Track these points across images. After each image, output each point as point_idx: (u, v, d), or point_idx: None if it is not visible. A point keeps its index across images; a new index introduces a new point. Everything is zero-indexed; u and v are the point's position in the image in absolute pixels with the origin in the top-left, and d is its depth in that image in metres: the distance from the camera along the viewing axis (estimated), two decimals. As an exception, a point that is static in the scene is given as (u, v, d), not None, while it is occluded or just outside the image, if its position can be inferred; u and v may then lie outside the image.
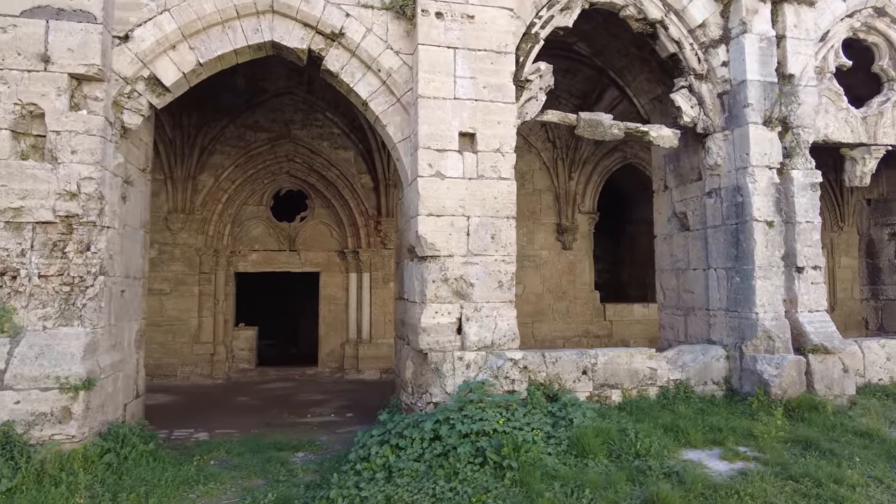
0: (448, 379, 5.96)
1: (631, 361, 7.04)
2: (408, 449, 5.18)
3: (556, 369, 6.77)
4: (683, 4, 7.41)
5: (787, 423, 6.22)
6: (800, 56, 7.46)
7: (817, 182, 7.43)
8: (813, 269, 7.30)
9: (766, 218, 7.17)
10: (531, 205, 12.68)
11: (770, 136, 7.27)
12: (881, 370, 7.99)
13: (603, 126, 7.49)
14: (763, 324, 7.02)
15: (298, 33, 6.40)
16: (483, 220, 6.26)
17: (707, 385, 7.26)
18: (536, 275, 12.63)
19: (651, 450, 5.22)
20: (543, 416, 5.71)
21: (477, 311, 6.16)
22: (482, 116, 6.33)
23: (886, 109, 8.40)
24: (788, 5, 7.46)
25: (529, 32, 7.04)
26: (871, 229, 9.93)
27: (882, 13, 8.34)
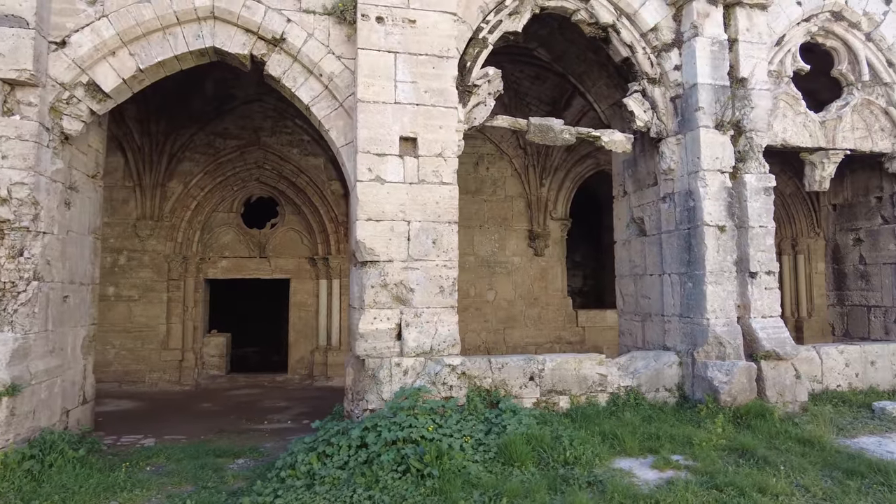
0: (385, 385, 5.90)
1: (580, 368, 6.97)
2: (334, 456, 5.12)
3: (502, 375, 6.70)
4: (635, 8, 7.39)
5: (733, 430, 6.12)
6: (752, 60, 7.41)
7: (771, 186, 7.36)
8: (766, 274, 7.22)
9: (718, 222, 7.11)
10: (503, 211, 12.65)
11: (722, 140, 7.21)
12: (839, 376, 7.89)
13: (553, 131, 7.45)
14: (714, 330, 6.94)
15: (240, 39, 6.40)
16: (424, 224, 6.22)
17: (659, 392, 7.17)
18: (508, 281, 12.57)
19: (582, 458, 5.14)
20: (478, 423, 5.64)
21: (417, 316, 6.11)
22: (424, 121, 6.30)
23: (845, 114, 8.34)
24: (741, 9, 7.42)
25: (477, 37, 7.03)
26: (836, 235, 9.84)
27: (839, 17, 8.29)
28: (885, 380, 8.07)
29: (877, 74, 8.48)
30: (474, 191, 12.51)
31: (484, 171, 12.59)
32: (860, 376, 7.98)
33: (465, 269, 12.31)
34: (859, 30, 8.38)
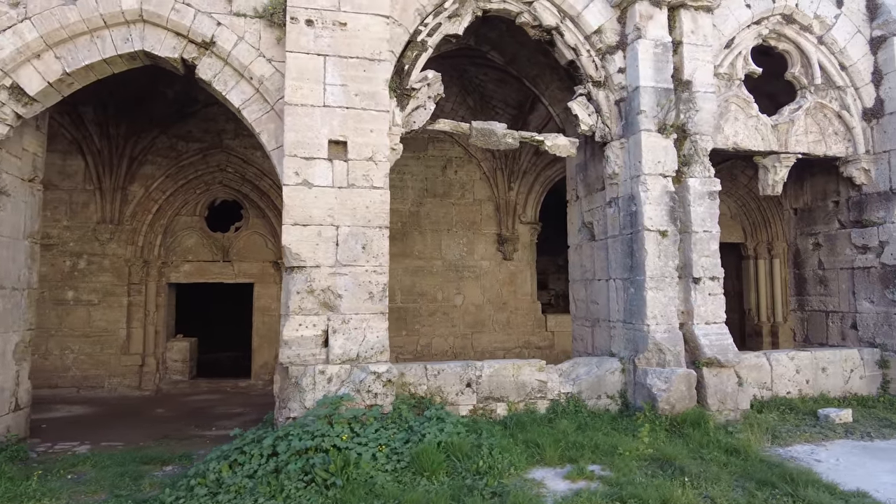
0: (308, 393, 5.81)
1: (518, 374, 6.87)
2: (245, 465, 5.05)
3: (437, 382, 6.62)
4: (578, 10, 7.31)
5: (666, 439, 6.03)
6: (697, 62, 7.32)
7: (715, 190, 7.27)
8: (710, 279, 7.12)
9: (659, 227, 7.01)
10: (471, 215, 12.57)
11: (664, 144, 7.12)
12: (790, 383, 7.78)
13: (496, 135, 7.37)
14: (654, 336, 6.84)
15: (170, 42, 6.34)
16: (354, 229, 6.14)
17: (601, 399, 7.07)
18: (476, 285, 12.48)
19: (497, 468, 5.05)
20: (400, 432, 5.54)
21: (345, 323, 6.03)
22: (354, 124, 6.23)
23: (798, 117, 8.23)
24: (685, 11, 7.33)
25: (415, 40, 6.95)
26: (797, 239, 9.72)
27: (791, 20, 8.20)
28: (837, 386, 7.96)
29: (830, 78, 8.38)
30: (442, 194, 12.44)
31: (452, 174, 12.52)
32: (811, 383, 7.86)
33: (433, 273, 12.26)
34: (811, 33, 8.28)
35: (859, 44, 8.38)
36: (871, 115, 8.39)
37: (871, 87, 8.37)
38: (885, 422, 6.99)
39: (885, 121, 8.28)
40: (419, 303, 12.10)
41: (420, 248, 12.18)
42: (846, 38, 8.33)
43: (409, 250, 12.11)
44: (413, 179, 12.24)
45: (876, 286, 8.38)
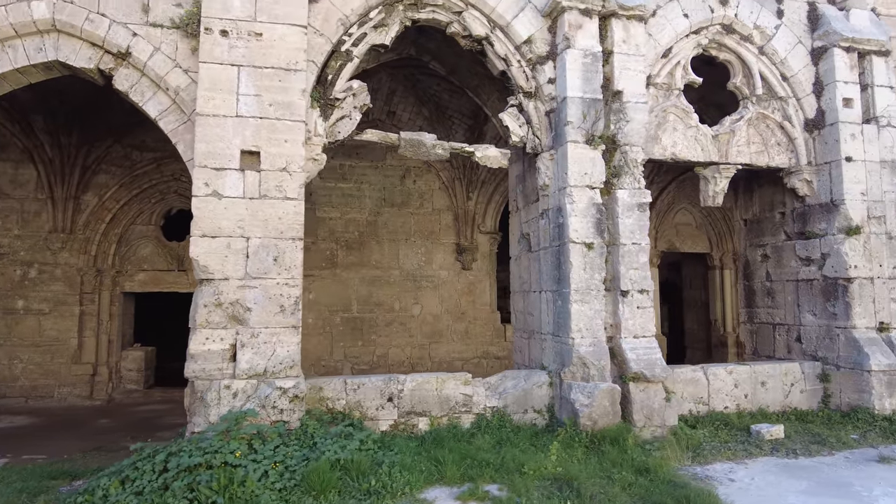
0: (212, 408, 5.72)
1: (442, 388, 6.77)
2: (136, 481, 4.94)
3: (357, 397, 6.52)
4: (507, 20, 7.25)
5: (583, 456, 5.90)
6: (629, 72, 7.24)
7: (645, 202, 7.17)
8: (639, 292, 7.02)
9: (585, 240, 6.91)
10: (430, 225, 12.49)
11: (592, 156, 7.03)
12: (727, 398, 7.65)
13: (425, 146, 7.30)
14: (578, 350, 6.73)
15: (86, 53, 6.30)
16: (265, 241, 6.06)
17: (528, 413, 6.96)
18: (435, 295, 12.38)
19: (391, 487, 4.94)
20: (301, 449, 5.43)
21: (254, 337, 5.94)
22: (268, 134, 6.16)
23: (739, 128, 8.14)
24: (616, 20, 7.25)
25: (339, 50, 6.90)
26: (746, 250, 9.61)
27: (731, 30, 8.12)
28: (777, 400, 7.83)
29: (771, 88, 8.30)
30: (400, 204, 12.37)
31: (411, 183, 12.45)
32: (749, 397, 7.74)
33: (390, 283, 12.17)
34: (752, 43, 8.20)
35: (800, 54, 8.30)
36: (812, 126, 8.29)
37: (813, 97, 8.28)
38: (817, 437, 6.85)
39: (826, 132, 8.18)
40: (376, 313, 12.01)
41: (377, 258, 12.10)
42: (787, 48, 8.25)
43: (366, 260, 12.03)
44: (371, 189, 12.17)
45: (818, 299, 8.26)
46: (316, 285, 11.73)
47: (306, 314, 11.71)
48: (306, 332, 11.60)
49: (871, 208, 8.02)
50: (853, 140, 8.02)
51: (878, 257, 7.99)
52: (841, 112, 8.03)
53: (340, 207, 11.97)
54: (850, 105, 8.08)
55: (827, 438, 6.81)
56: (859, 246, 7.91)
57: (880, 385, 7.51)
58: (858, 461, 6.14)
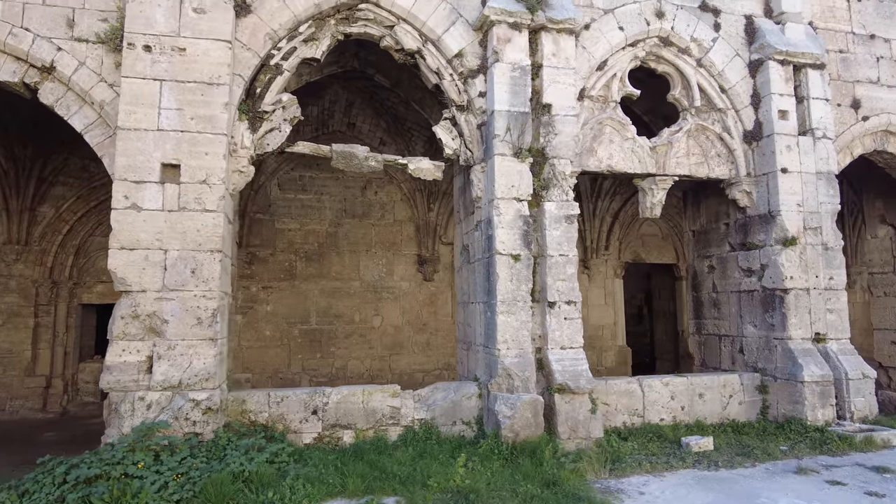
0: (126, 420, 5.72)
1: (369, 400, 6.77)
2: (35, 494, 4.95)
3: (280, 409, 6.52)
4: (438, 34, 7.32)
5: (501, 468, 5.88)
6: (558, 85, 7.30)
7: (573, 214, 7.20)
8: (566, 304, 7.02)
9: (512, 251, 6.94)
10: (391, 236, 12.52)
11: (519, 168, 7.07)
12: (663, 409, 7.63)
13: (357, 158, 7.35)
14: (503, 361, 6.73)
15: (10, 67, 6.37)
16: (183, 253, 6.09)
17: (456, 425, 6.95)
18: (396, 306, 12.39)
19: (289, 498, 4.93)
20: (210, 461, 5.43)
21: (171, 349, 5.95)
22: (189, 148, 6.20)
23: (678, 139, 8.19)
24: (547, 34, 7.32)
25: (268, 64, 6.97)
26: (694, 261, 9.63)
27: (668, 43, 8.19)
28: (714, 412, 7.81)
29: (710, 100, 8.35)
30: (361, 215, 12.40)
31: (372, 195, 12.49)
32: (687, 409, 7.72)
33: (350, 294, 12.19)
34: (690, 55, 8.27)
35: (738, 67, 8.36)
36: (751, 137, 8.34)
37: (751, 109, 8.34)
38: (745, 449, 6.83)
39: (763, 143, 8.23)
40: (335, 324, 12.01)
41: (337, 269, 12.12)
42: (724, 61, 8.31)
43: (325, 271, 12.05)
44: (331, 200, 12.22)
45: (758, 310, 8.26)
46: (274, 297, 11.75)
47: (264, 326, 11.73)
48: (264, 345, 11.63)
49: (807, 219, 8.04)
50: (789, 152, 8.06)
51: (815, 268, 8.00)
52: (776, 124, 8.08)
53: (300, 219, 12.01)
54: (785, 117, 8.13)
55: (754, 450, 6.79)
56: (795, 257, 7.93)
57: (813, 396, 7.50)
58: (777, 473, 6.11)
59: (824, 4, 8.96)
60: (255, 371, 11.54)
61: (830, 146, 8.29)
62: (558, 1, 7.40)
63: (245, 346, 11.59)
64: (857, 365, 7.84)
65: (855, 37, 9.04)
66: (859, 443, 7.00)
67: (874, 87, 9.02)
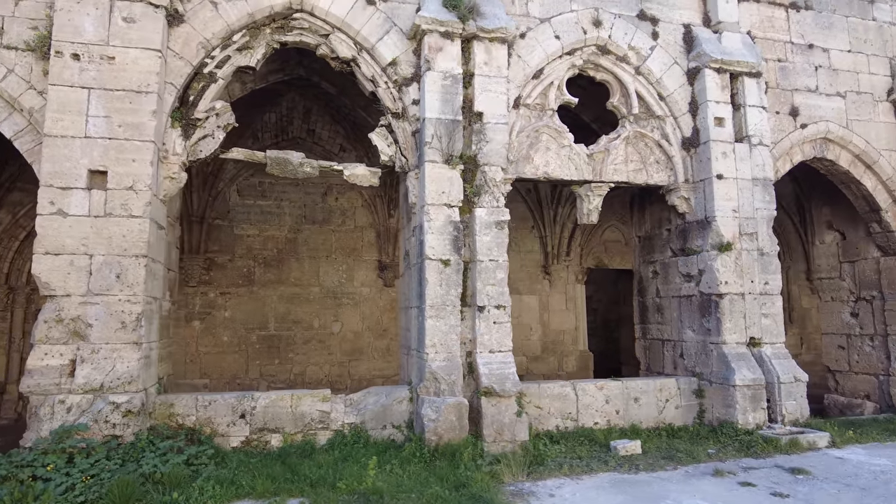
0: (45, 423, 5.78)
1: (298, 404, 6.84)
2: (-57, 498, 5.00)
3: (208, 413, 6.59)
4: (372, 43, 7.43)
5: (422, 470, 5.95)
6: (490, 94, 7.41)
7: (504, 220, 7.30)
8: (496, 308, 7.11)
9: (441, 257, 7.03)
10: (352, 242, 12.60)
11: (450, 175, 7.18)
12: (598, 413, 7.72)
13: (292, 164, 7.45)
14: (431, 365, 6.81)
15: (-58, 74, 6.46)
16: (108, 258, 6.16)
17: (387, 429, 7.02)
18: (356, 312, 12.46)
19: (196, 498, 4.99)
20: (124, 462, 5.49)
21: (94, 352, 6.01)
22: (116, 155, 6.29)
23: (615, 146, 8.31)
24: (479, 43, 7.44)
25: (202, 72, 7.07)
26: (640, 267, 9.73)
27: (606, 51, 8.32)
28: (650, 416, 7.89)
29: (649, 108, 8.48)
30: (322, 221, 12.49)
31: (333, 201, 12.59)
32: (622, 413, 7.80)
33: (310, 300, 12.25)
34: (628, 63, 8.40)
35: (676, 74, 8.50)
36: (689, 144, 8.46)
37: (689, 116, 8.47)
38: (672, 453, 6.90)
39: (700, 150, 8.35)
40: (294, 330, 12.07)
41: (297, 275, 12.19)
42: (662, 68, 8.45)
43: (284, 277, 12.12)
44: (291, 206, 12.31)
45: (696, 315, 8.36)
46: (233, 303, 11.81)
47: (222, 332, 11.78)
48: (222, 350, 11.68)
49: (742, 225, 8.16)
50: (725, 158, 8.19)
51: (750, 273, 8.11)
52: (712, 131, 8.21)
53: (259, 225, 12.09)
54: (721, 124, 8.26)
55: (680, 454, 6.86)
56: (731, 262, 8.04)
57: (744, 399, 7.59)
58: (695, 475, 6.19)
59: (763, 14, 9.11)
60: (213, 377, 11.59)
61: (766, 153, 8.42)
62: (491, 10, 7.53)
63: (203, 351, 11.65)
64: (789, 369, 7.94)
65: (794, 46, 9.19)
66: (784, 445, 7.08)
67: (812, 96, 9.16)
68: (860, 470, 6.37)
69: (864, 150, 9.33)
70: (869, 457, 6.91)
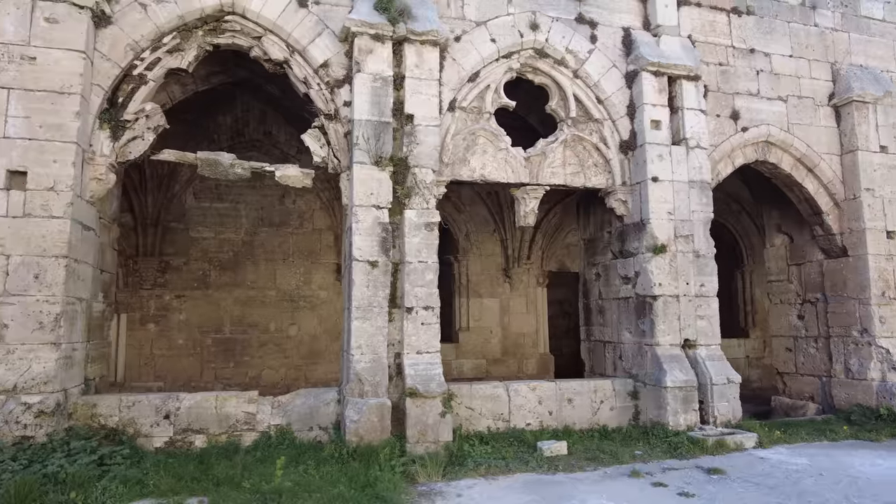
0: (-47, 424, 5.78)
1: (223, 406, 6.85)
2: None
3: (131, 414, 6.59)
4: (304, 45, 7.47)
5: (337, 472, 5.94)
6: (420, 96, 7.46)
7: (433, 222, 7.33)
8: (424, 309, 7.14)
9: (369, 258, 7.06)
10: (310, 244, 12.62)
11: (379, 176, 7.21)
12: (530, 414, 7.73)
13: (223, 165, 7.47)
14: (356, 367, 6.83)
15: None
16: (27, 259, 6.16)
17: (313, 430, 7.02)
18: (313, 315, 12.47)
19: (95, 498, 5.00)
20: (30, 463, 5.48)
21: (9, 353, 6.00)
22: (36, 155, 6.30)
23: (553, 150, 8.36)
24: (410, 45, 7.48)
25: (131, 74, 7.09)
26: (584, 269, 9.77)
27: (543, 55, 8.38)
28: (584, 418, 7.91)
29: (587, 111, 8.53)
30: (279, 223, 12.51)
31: (290, 203, 12.61)
32: (555, 414, 7.82)
33: (266, 303, 12.25)
34: (566, 67, 8.46)
35: (615, 78, 8.56)
36: (626, 147, 8.52)
37: (627, 120, 8.52)
38: (597, 454, 6.91)
39: (637, 153, 8.41)
40: (250, 333, 12.07)
41: (253, 278, 12.20)
42: (601, 72, 8.50)
43: (240, 280, 12.13)
44: (248, 208, 12.32)
45: (633, 316, 8.40)
46: (188, 305, 11.81)
47: (177, 335, 11.77)
48: (176, 353, 11.66)
49: (678, 227, 8.20)
50: (660, 161, 8.24)
51: (685, 275, 8.15)
52: (648, 134, 8.26)
53: (215, 227, 12.10)
54: (658, 127, 8.32)
55: (605, 455, 6.88)
56: (665, 264, 8.08)
57: (675, 401, 7.62)
58: (611, 476, 6.22)
59: (705, 19, 9.19)
60: (167, 379, 11.56)
61: (704, 156, 8.48)
62: (423, 13, 7.58)
63: (158, 354, 11.63)
64: (722, 370, 7.98)
65: (735, 50, 9.27)
66: (711, 446, 7.11)
67: (754, 99, 9.23)
68: (776, 469, 6.41)
69: (806, 153, 9.40)
70: (790, 456, 6.95)
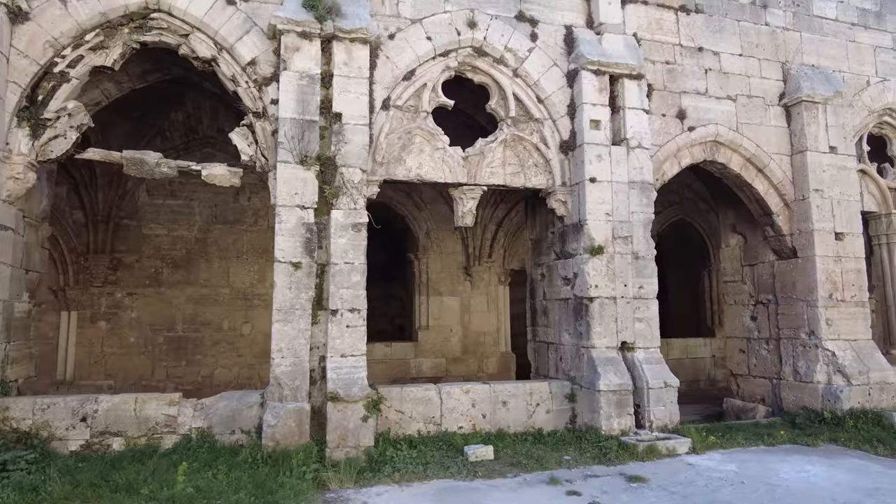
0: None
1: (142, 408, 6.74)
2: None
3: (45, 416, 6.49)
4: (231, 43, 7.33)
5: (247, 478, 5.84)
6: (349, 95, 7.32)
7: (361, 223, 7.21)
8: (350, 311, 7.03)
9: (292, 259, 6.94)
10: (264, 242, 12.44)
11: (304, 176, 7.08)
12: (463, 417, 7.64)
13: (148, 164, 7.34)
14: (276, 370, 6.72)
15: None
16: (-68, 260, 6.05)
17: (235, 434, 6.92)
18: (267, 314, 12.06)
19: (-18, 508, 4.90)
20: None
21: (-87, 355, 5.90)
22: (-56, 155, 6.18)
23: (492, 149, 8.24)
24: (339, 43, 7.35)
25: (52, 72, 6.96)
26: (531, 270, 9.67)
27: (482, 53, 8.24)
28: (519, 421, 7.82)
29: (528, 110, 8.41)
30: (234, 221, 12.38)
31: (245, 200, 12.46)
32: (489, 417, 7.72)
33: (219, 302, 12.13)
34: (506, 66, 8.32)
35: (555, 77, 8.43)
36: (567, 147, 8.40)
37: (568, 119, 8.40)
38: (522, 460, 6.79)
39: (576, 153, 8.30)
40: (202, 332, 11.96)
41: (206, 276, 12.08)
42: (541, 71, 8.37)
43: (193, 278, 12.00)
44: (201, 205, 12.19)
45: (571, 318, 8.30)
46: (139, 303, 11.69)
47: (128, 333, 11.66)
48: (127, 352, 11.55)
49: (616, 228, 8.09)
50: (599, 161, 8.12)
51: (623, 277, 8.05)
52: (587, 134, 8.14)
53: (167, 224, 11.97)
54: (597, 127, 8.19)
55: (530, 460, 6.76)
56: (602, 266, 7.98)
57: (608, 405, 7.53)
58: (529, 483, 6.12)
59: (651, 17, 9.04)
60: (118, 378, 11.46)
61: (645, 156, 8.37)
62: (353, 10, 7.44)
63: (108, 352, 11.52)
64: (660, 374, 7.89)
65: (683, 49, 9.14)
66: (642, 452, 7.01)
67: (702, 98, 9.11)
68: (699, 477, 6.32)
69: (755, 153, 9.29)
70: (720, 462, 6.86)
